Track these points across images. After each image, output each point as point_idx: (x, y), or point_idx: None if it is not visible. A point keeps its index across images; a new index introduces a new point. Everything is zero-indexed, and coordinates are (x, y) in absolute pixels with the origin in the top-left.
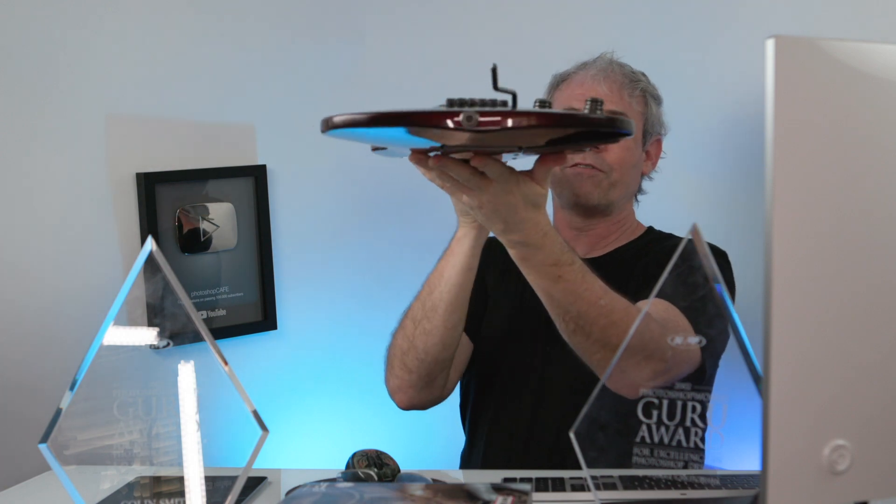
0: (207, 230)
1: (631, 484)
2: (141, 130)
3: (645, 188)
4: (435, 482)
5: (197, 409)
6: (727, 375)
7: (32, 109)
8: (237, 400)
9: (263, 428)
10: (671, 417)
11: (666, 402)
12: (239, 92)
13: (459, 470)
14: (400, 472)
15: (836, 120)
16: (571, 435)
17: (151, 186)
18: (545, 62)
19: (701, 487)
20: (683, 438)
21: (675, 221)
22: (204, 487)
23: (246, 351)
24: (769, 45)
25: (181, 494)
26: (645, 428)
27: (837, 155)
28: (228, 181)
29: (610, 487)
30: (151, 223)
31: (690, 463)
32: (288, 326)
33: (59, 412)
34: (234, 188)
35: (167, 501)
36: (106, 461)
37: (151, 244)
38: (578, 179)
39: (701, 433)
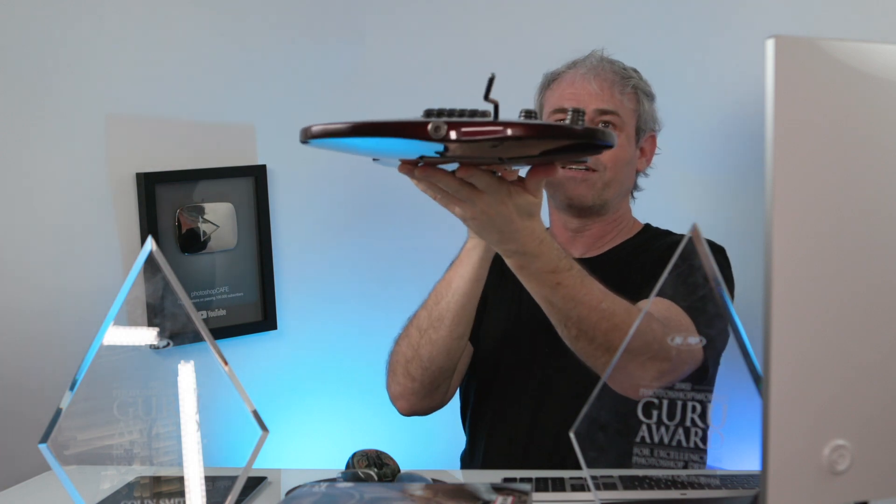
0: (207, 230)
1: (631, 484)
2: (141, 130)
3: (642, 185)
4: (435, 482)
5: (197, 409)
6: (727, 375)
7: (32, 109)
8: (237, 400)
9: (263, 428)
10: (671, 417)
11: (666, 402)
12: (239, 92)
13: (459, 470)
14: (400, 472)
15: (836, 120)
16: (571, 435)
17: (151, 186)
18: (545, 62)
19: (701, 487)
20: (683, 438)
21: (675, 221)
22: (204, 487)
23: (246, 351)
24: (769, 45)
25: (181, 494)
26: (645, 428)
27: (837, 155)
28: (228, 181)
29: (610, 487)
30: (151, 223)
31: (690, 463)
32: (288, 326)
33: (59, 412)
34: (234, 188)
35: (167, 501)
36: (106, 461)
37: (151, 244)
38: (572, 182)
39: (701, 433)
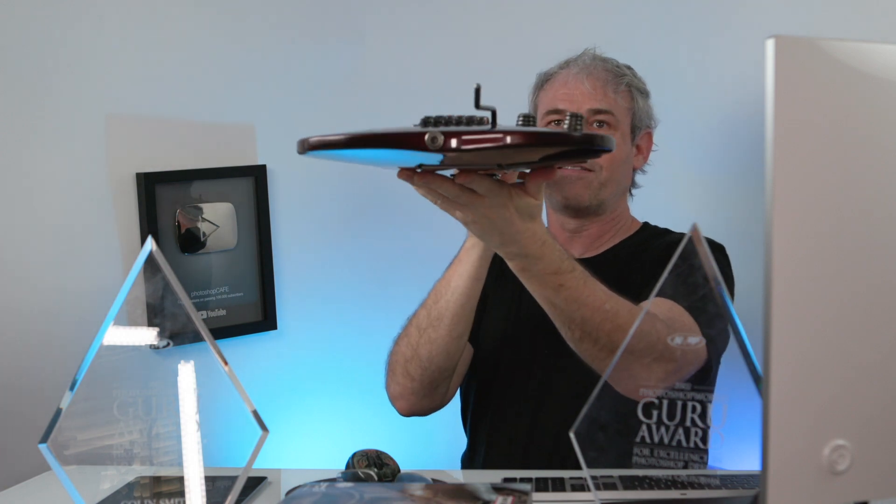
0: (207, 230)
1: (631, 484)
2: (141, 130)
3: (640, 182)
4: (435, 482)
5: (197, 409)
6: (727, 375)
7: (32, 109)
8: (237, 400)
9: (263, 428)
10: (671, 417)
11: (666, 402)
12: (239, 92)
13: (459, 470)
14: (400, 472)
15: (836, 120)
16: (571, 435)
17: (151, 186)
18: (544, 62)
19: (701, 487)
20: (683, 438)
21: (675, 220)
22: (204, 487)
23: (246, 351)
24: (769, 45)
25: (181, 494)
26: (645, 428)
27: (837, 155)
28: (228, 181)
29: (610, 487)
30: (151, 223)
31: (690, 463)
32: (288, 326)
33: (59, 412)
34: (234, 188)
35: (167, 501)
36: (106, 461)
37: (151, 244)
38: (568, 182)
39: (701, 433)
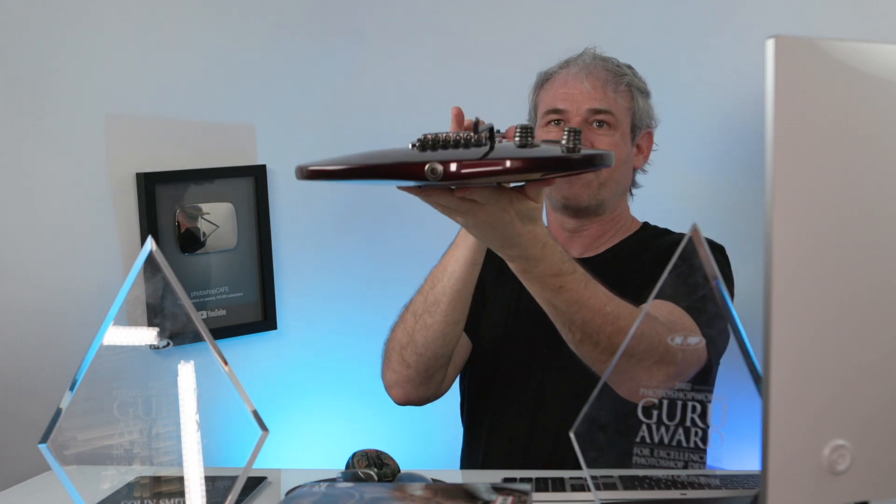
0: (207, 230)
1: (631, 484)
2: (141, 130)
3: (641, 182)
4: (435, 482)
5: (197, 409)
6: (727, 375)
7: (32, 109)
8: (237, 400)
9: (263, 428)
10: (671, 417)
11: (666, 402)
12: (239, 92)
13: (459, 470)
14: (400, 472)
15: (836, 120)
16: (571, 435)
17: (151, 186)
18: (545, 62)
19: (701, 487)
20: (683, 438)
21: (675, 221)
22: (204, 487)
23: (246, 351)
24: (769, 45)
25: (181, 494)
26: (645, 428)
27: (837, 155)
28: (228, 181)
29: (610, 487)
30: (151, 223)
31: (690, 463)
32: (288, 326)
33: (59, 412)
34: (233, 188)
35: (167, 501)
36: (106, 461)
37: (151, 244)
38: (567, 182)
39: (701, 433)
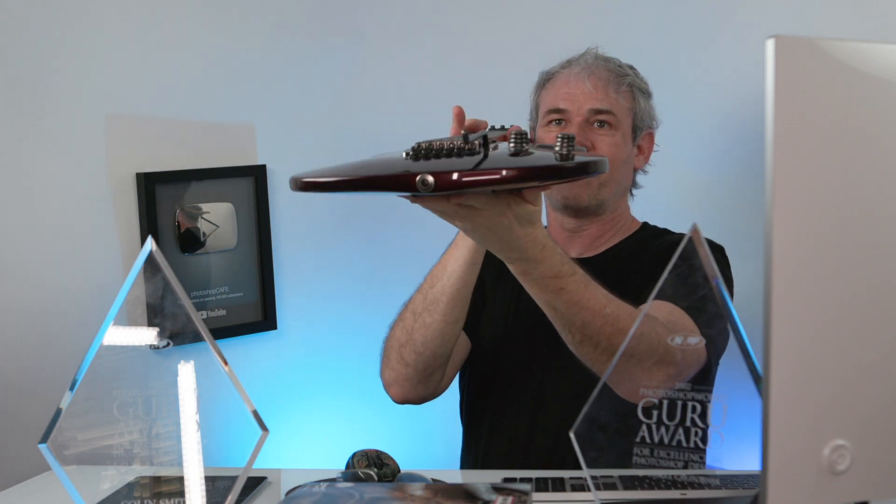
0: (207, 230)
1: (631, 484)
2: (141, 130)
3: (641, 182)
4: (435, 482)
5: (197, 409)
6: (727, 375)
7: (32, 109)
8: (237, 400)
9: (263, 428)
10: (671, 417)
11: (666, 402)
12: (239, 92)
13: (459, 470)
14: (400, 472)
15: (836, 120)
16: (571, 435)
17: (151, 186)
18: (545, 62)
19: (701, 487)
20: (683, 438)
21: (675, 221)
22: (204, 487)
23: (246, 351)
24: (769, 45)
25: (181, 494)
26: (645, 428)
27: (837, 155)
28: (228, 181)
29: (610, 487)
30: (151, 223)
31: (690, 463)
32: (288, 326)
33: (59, 412)
34: (233, 188)
35: (167, 501)
36: (106, 461)
37: (151, 244)
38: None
39: (701, 433)
